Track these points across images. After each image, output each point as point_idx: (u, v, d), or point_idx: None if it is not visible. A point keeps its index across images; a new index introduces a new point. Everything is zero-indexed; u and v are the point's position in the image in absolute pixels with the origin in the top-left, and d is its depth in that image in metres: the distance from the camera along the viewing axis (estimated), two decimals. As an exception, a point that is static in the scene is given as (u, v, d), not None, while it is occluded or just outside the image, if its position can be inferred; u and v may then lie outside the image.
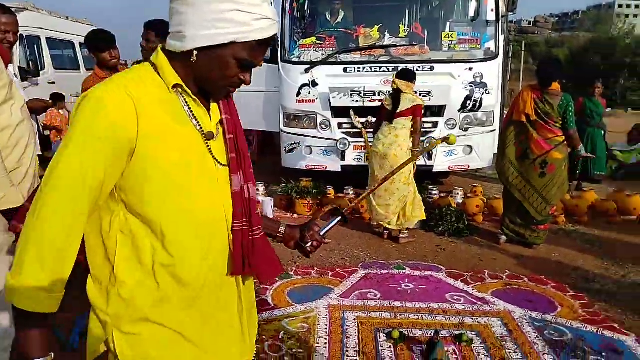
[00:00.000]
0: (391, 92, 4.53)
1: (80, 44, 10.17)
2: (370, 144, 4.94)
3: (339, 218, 1.57)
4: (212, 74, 1.03)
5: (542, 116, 4.09)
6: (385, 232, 4.59)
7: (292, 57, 6.27)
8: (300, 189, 5.39)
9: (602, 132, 6.69)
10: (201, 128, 1.05)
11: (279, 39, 6.26)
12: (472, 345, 2.73)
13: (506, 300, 3.29)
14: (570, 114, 4.08)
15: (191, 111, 1.05)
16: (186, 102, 1.05)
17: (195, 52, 0.99)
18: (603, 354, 2.67)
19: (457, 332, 2.83)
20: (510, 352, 2.66)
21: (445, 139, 2.07)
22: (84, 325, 2.74)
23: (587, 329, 2.94)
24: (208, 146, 1.06)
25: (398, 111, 4.34)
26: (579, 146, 4.26)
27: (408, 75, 4.47)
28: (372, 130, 5.17)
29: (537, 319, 3.04)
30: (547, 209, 4.19)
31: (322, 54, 6.13)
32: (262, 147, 9.46)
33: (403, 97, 4.35)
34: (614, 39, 26.06)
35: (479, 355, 2.64)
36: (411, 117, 4.34)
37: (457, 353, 2.65)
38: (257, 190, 5.78)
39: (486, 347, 2.72)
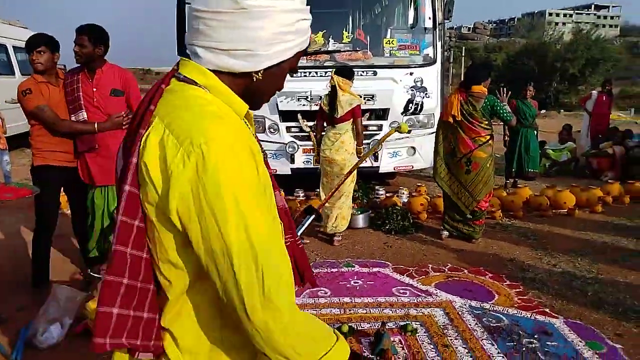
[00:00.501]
0: (329, 92, 4.53)
1: (14, 48, 9.70)
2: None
3: (313, 216, 1.61)
4: (271, 89, 0.94)
5: (467, 117, 4.34)
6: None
7: (239, 62, 6.30)
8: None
9: (535, 132, 7.13)
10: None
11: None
12: (417, 334, 2.88)
13: (448, 291, 3.48)
14: (501, 110, 4.35)
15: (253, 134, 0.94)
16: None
17: (261, 71, 0.89)
18: (535, 336, 2.89)
19: (402, 323, 2.98)
20: (451, 339, 2.83)
21: (398, 128, 2.18)
22: (27, 336, 2.69)
23: (521, 314, 3.16)
24: None
25: (339, 116, 4.40)
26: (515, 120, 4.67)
27: (346, 73, 4.48)
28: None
29: (476, 307, 3.24)
30: (474, 204, 4.45)
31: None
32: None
33: (341, 100, 4.36)
34: (546, 45, 27.58)
35: (422, 344, 2.79)
36: (351, 119, 4.46)
37: (403, 342, 2.79)
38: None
39: (429, 335, 2.88)
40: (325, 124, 4.64)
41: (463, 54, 30.40)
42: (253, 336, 0.81)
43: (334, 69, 4.62)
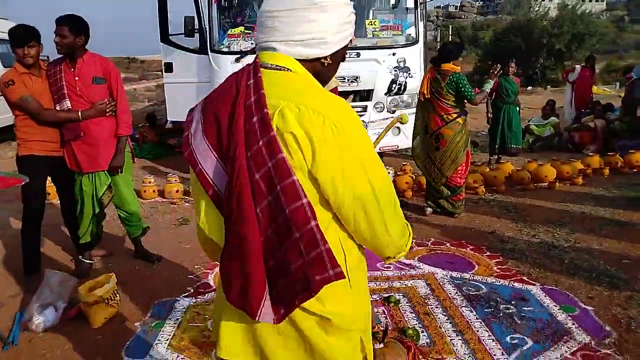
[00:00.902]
0: None
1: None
2: None
3: None
4: (332, 72, 1.15)
5: (435, 94, 4.45)
6: None
7: (222, 47, 6.31)
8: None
9: (517, 109, 7.24)
10: None
11: (207, 29, 6.29)
12: (399, 305, 3.01)
13: (430, 263, 3.61)
14: (464, 88, 4.41)
15: None
16: None
17: (329, 56, 1.10)
18: (512, 302, 3.03)
19: (386, 295, 3.10)
20: (432, 308, 2.96)
21: (399, 119, 2.25)
22: (23, 320, 2.78)
23: (499, 282, 3.30)
24: None
25: None
26: (484, 96, 4.73)
27: None
28: None
29: (457, 278, 3.37)
30: (442, 179, 4.58)
31: (251, 44, 6.22)
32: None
33: None
34: (532, 21, 27.53)
35: (405, 313, 2.92)
36: None
37: (386, 312, 2.92)
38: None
39: (411, 305, 3.01)
40: None
41: (450, 33, 30.33)
42: (384, 246, 1.13)
43: None
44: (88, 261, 3.57)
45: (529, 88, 21.07)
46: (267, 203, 1.00)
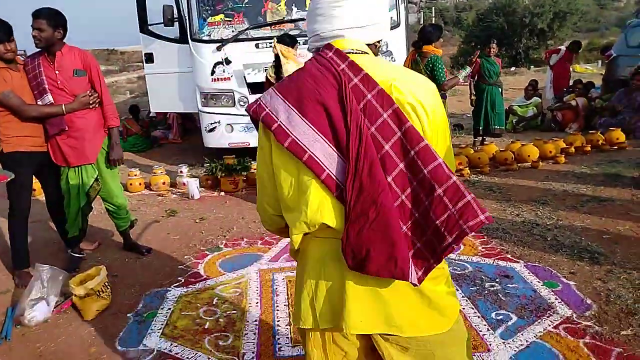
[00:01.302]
0: (274, 62, 4.40)
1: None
2: None
3: None
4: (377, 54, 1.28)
5: None
6: None
7: (202, 35, 6.27)
8: (225, 167, 5.50)
9: (500, 89, 7.30)
10: None
11: (187, 18, 6.24)
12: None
13: (417, 245, 3.67)
14: (437, 70, 4.45)
15: None
16: None
17: (382, 39, 1.25)
18: (497, 280, 3.11)
19: (374, 278, 3.16)
20: (419, 288, 3.03)
21: None
22: (15, 315, 2.79)
23: (484, 261, 3.38)
24: None
25: None
26: (454, 83, 4.92)
27: (287, 40, 4.38)
28: None
29: (443, 258, 3.44)
30: None
31: (232, 31, 6.18)
32: (183, 129, 9.37)
33: (286, 69, 4.21)
34: (514, 1, 27.55)
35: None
36: None
37: (375, 295, 2.98)
38: (181, 172, 5.83)
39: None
40: None
41: (433, 15, 30.31)
42: None
43: (276, 38, 4.50)
44: (78, 255, 3.58)
45: (513, 69, 21.19)
46: (400, 170, 1.10)
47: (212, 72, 6.14)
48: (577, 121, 8.04)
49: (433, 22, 27.76)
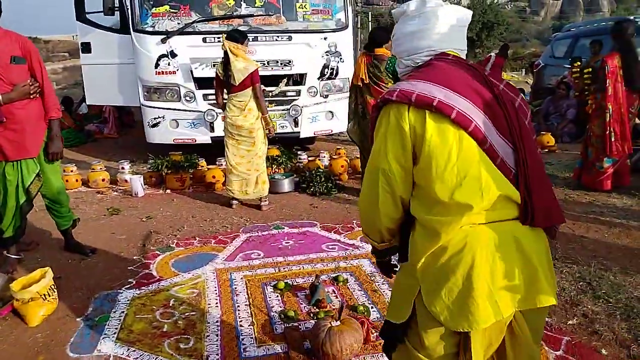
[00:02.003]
0: (222, 58, 4.31)
1: None
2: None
3: None
4: None
5: (374, 79, 4.52)
6: (234, 202, 4.66)
7: (146, 26, 6.00)
8: (171, 164, 5.30)
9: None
10: None
11: (129, 7, 5.95)
12: (348, 284, 3.09)
13: (373, 243, 3.73)
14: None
15: None
16: None
17: None
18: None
19: (334, 275, 3.18)
20: (379, 285, 3.08)
21: None
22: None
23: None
24: None
25: (237, 84, 4.23)
26: None
27: (236, 37, 4.29)
28: None
29: (399, 255, 3.52)
30: None
31: (178, 23, 5.97)
32: (120, 124, 8.94)
33: (235, 66, 4.18)
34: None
35: (354, 291, 3.01)
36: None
37: (336, 292, 3.00)
38: (123, 168, 5.55)
39: (359, 283, 3.11)
40: (226, 92, 4.41)
41: (370, 19, 30.92)
42: None
43: (225, 34, 4.37)
44: (14, 256, 3.29)
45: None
46: (533, 141, 1.34)
47: (157, 65, 5.89)
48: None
49: (370, 26, 28.36)
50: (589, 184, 4.87)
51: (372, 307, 2.81)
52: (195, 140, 6.07)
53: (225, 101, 4.45)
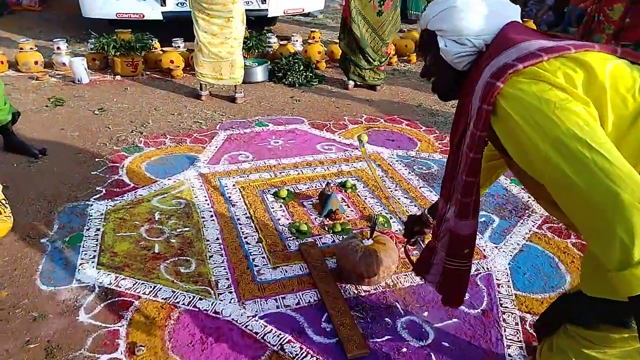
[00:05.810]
0: None
1: None
2: None
3: None
4: None
5: None
6: (202, 92, 4.07)
7: None
8: (120, 44, 4.43)
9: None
10: None
11: None
12: (357, 190, 2.75)
13: (371, 142, 3.35)
14: None
15: None
16: None
17: None
18: (462, 178, 2.95)
19: (339, 180, 2.81)
20: (391, 191, 2.76)
21: (360, 141, 2.10)
22: None
23: (445, 158, 3.19)
24: None
25: None
26: None
27: None
28: None
29: (404, 156, 3.19)
30: (383, 48, 4.26)
31: None
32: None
33: None
34: None
35: (365, 199, 2.67)
36: None
37: (346, 200, 2.65)
38: (59, 49, 4.62)
39: (369, 190, 2.77)
40: None
41: None
42: None
43: None
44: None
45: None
46: None
47: None
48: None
49: None
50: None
51: (390, 218, 2.51)
52: (144, 16, 5.13)
53: None
